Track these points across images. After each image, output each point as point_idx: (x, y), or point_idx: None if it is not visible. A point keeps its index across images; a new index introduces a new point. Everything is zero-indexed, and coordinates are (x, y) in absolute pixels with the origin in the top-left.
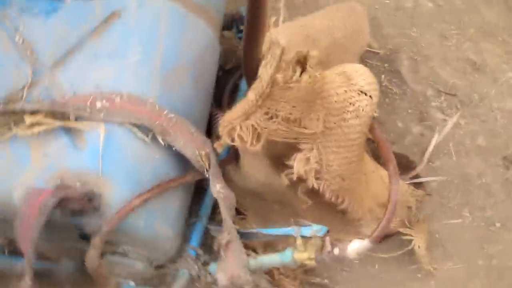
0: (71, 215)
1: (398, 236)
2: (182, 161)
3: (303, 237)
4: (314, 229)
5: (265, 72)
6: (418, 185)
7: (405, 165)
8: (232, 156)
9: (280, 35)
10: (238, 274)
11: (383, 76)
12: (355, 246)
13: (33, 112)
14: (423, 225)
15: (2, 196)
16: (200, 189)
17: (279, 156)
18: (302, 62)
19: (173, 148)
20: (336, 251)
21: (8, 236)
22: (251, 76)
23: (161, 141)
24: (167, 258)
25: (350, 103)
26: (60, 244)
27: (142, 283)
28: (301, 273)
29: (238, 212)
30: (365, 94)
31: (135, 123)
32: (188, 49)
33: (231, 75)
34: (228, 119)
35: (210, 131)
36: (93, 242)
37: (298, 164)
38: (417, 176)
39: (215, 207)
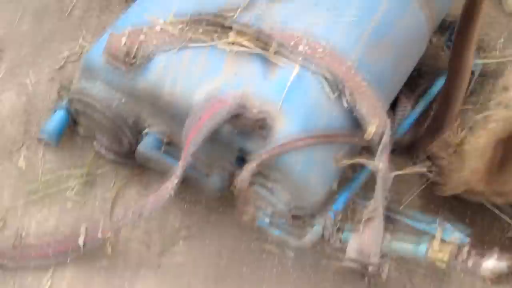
0: (239, 133)
1: None
2: (356, 129)
3: (442, 239)
4: (456, 235)
5: None
6: None
7: None
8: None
9: None
10: (369, 252)
11: None
12: (491, 264)
13: (238, 32)
14: None
15: (184, 94)
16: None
17: None
18: None
19: (353, 114)
20: (470, 262)
21: (171, 134)
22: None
23: (345, 102)
24: (306, 211)
25: None
26: (216, 160)
27: (275, 225)
28: None
29: None
30: None
31: (327, 77)
32: (400, 32)
33: (422, 78)
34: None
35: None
36: (248, 165)
37: None
38: None
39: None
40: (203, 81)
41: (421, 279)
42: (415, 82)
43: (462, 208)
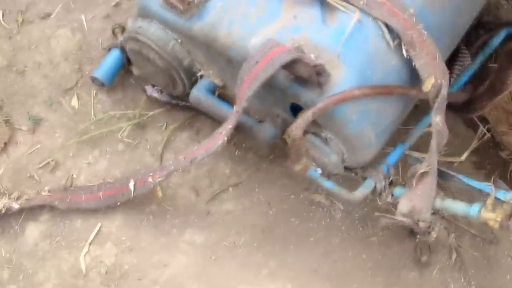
0: (295, 80)
1: None
2: (414, 80)
3: (496, 198)
4: (511, 195)
5: None
6: None
7: None
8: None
9: None
10: (420, 208)
11: None
12: None
13: None
14: None
15: (241, 38)
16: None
17: None
18: None
19: (412, 64)
20: None
21: (225, 79)
22: None
23: (404, 51)
24: (359, 163)
25: None
26: (269, 107)
27: (327, 177)
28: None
29: None
30: None
31: (388, 24)
32: None
33: (483, 29)
34: None
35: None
36: (303, 113)
37: None
38: None
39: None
40: (261, 24)
41: (469, 241)
42: (475, 33)
43: None
